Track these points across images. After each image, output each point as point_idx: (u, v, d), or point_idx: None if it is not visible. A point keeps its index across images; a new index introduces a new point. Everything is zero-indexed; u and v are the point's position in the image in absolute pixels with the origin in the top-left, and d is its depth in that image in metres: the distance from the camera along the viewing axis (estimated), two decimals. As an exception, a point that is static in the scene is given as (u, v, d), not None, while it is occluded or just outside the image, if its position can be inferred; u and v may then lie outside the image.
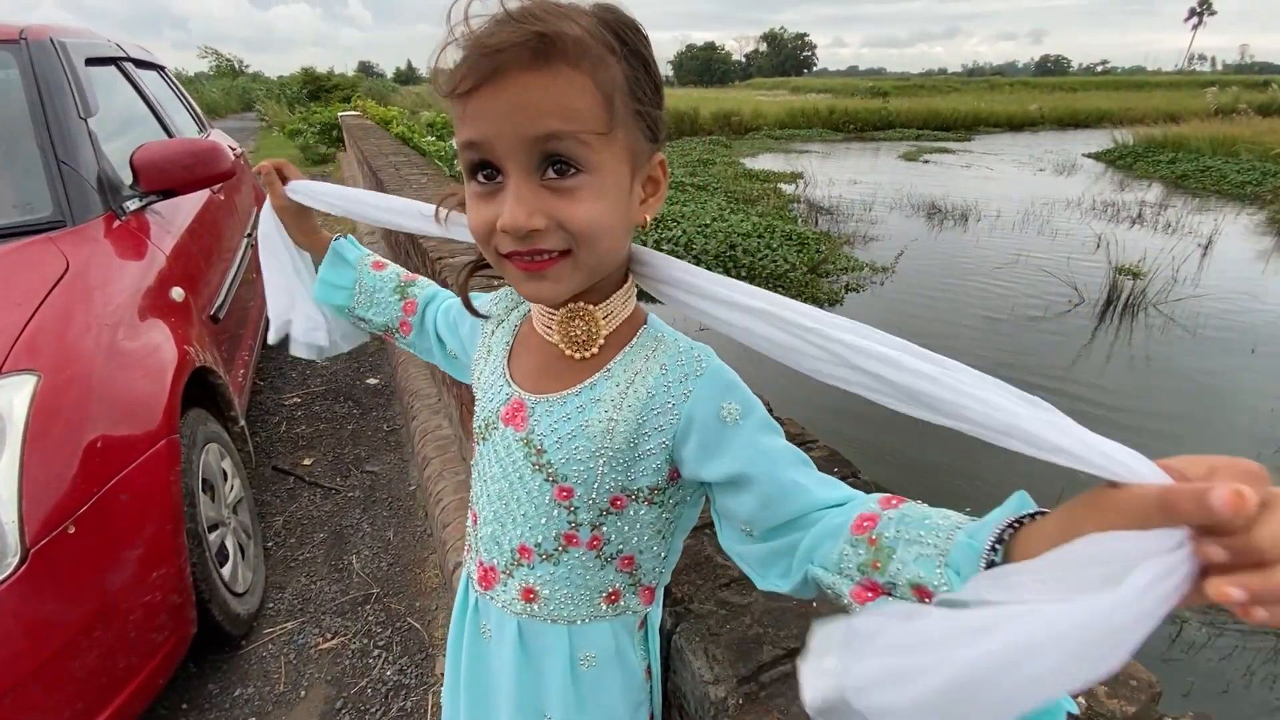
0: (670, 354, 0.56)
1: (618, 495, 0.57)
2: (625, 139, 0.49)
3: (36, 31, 1.95)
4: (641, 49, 0.50)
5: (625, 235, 0.53)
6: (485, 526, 0.64)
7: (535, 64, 0.44)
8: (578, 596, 0.61)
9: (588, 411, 0.56)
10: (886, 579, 0.43)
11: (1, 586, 1.03)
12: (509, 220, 0.47)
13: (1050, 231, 8.37)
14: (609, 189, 0.49)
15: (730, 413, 0.52)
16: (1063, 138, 21.94)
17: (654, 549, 0.61)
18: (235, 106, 26.51)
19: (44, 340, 1.29)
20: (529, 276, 0.50)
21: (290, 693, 1.59)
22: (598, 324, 0.56)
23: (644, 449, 0.55)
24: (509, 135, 0.46)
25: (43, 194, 1.67)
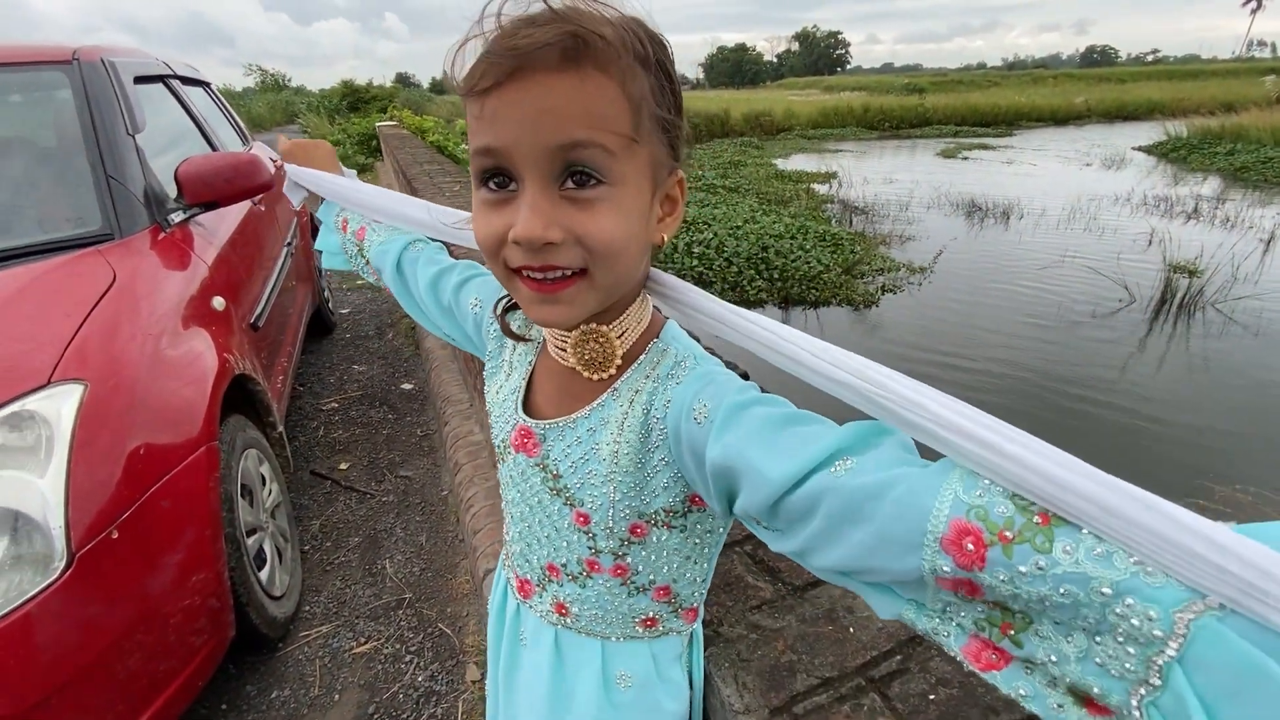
0: (665, 366, 0.53)
1: (636, 522, 0.55)
2: (649, 153, 0.47)
3: (88, 52, 2.03)
4: (667, 64, 0.48)
5: (643, 255, 0.51)
6: (515, 544, 0.64)
7: (563, 66, 0.42)
8: (609, 618, 0.59)
9: (598, 434, 0.54)
10: (1024, 655, 0.35)
11: (48, 591, 1.07)
12: (523, 230, 0.44)
13: (1098, 229, 8.06)
14: (630, 204, 0.46)
15: (700, 412, 0.48)
16: (1110, 131, 21.15)
17: (688, 575, 0.59)
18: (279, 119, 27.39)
19: (91, 350, 1.33)
20: (541, 299, 0.47)
21: (324, 697, 1.62)
22: (612, 344, 0.54)
23: (650, 468, 0.53)
24: (529, 142, 0.43)
25: (92, 208, 1.74)
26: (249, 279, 2.29)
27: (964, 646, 0.38)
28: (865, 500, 0.38)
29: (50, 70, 1.94)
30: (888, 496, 0.37)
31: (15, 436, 1.14)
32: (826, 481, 0.40)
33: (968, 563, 0.34)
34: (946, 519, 0.35)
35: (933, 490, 0.37)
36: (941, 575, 0.36)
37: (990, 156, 15.20)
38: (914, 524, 0.36)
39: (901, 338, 4.94)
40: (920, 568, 0.36)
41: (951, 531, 0.35)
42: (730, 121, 20.02)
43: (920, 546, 0.36)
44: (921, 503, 0.36)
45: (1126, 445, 3.57)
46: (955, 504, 0.36)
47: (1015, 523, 0.34)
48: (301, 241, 3.42)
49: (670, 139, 0.49)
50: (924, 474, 0.38)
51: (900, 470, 0.38)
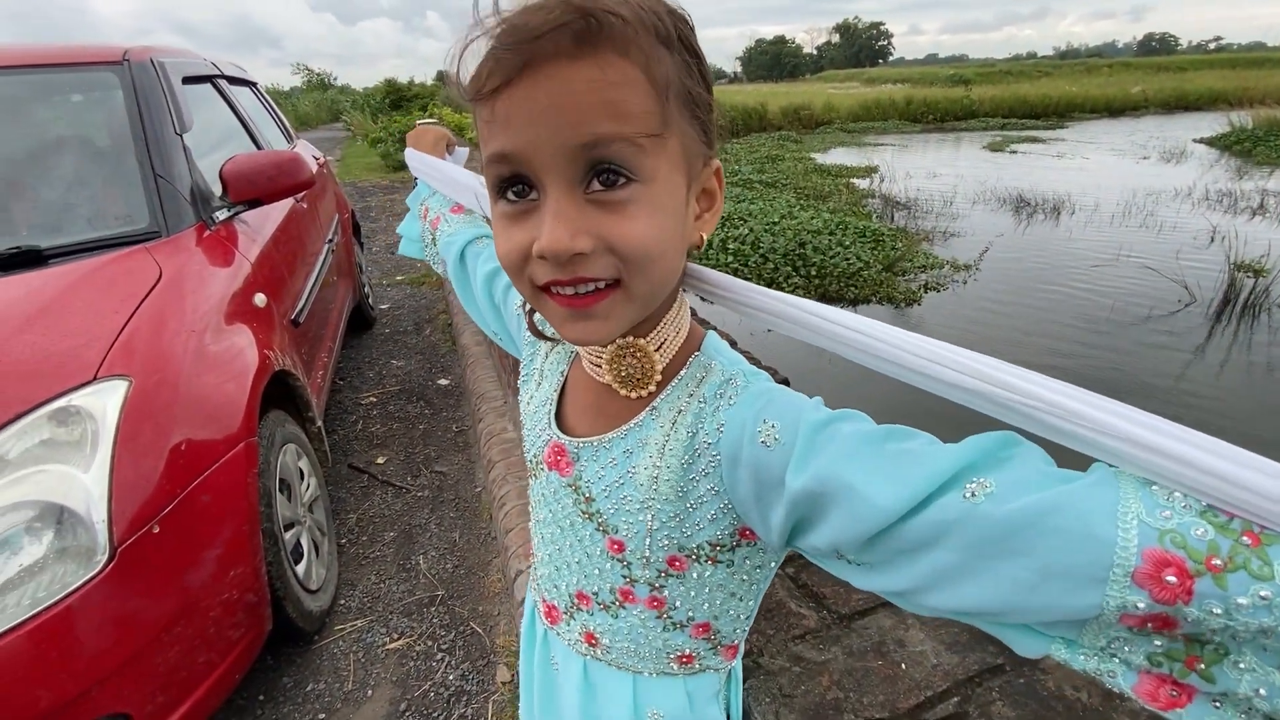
0: (712, 385, 0.48)
1: (675, 555, 0.50)
2: (680, 143, 0.42)
3: (138, 53, 2.08)
4: (691, 40, 0.43)
5: (680, 256, 0.46)
6: (542, 567, 0.60)
7: (578, 53, 0.37)
8: (642, 652, 0.55)
9: (635, 457, 0.49)
10: (1216, 690, 0.31)
11: (91, 584, 1.09)
12: (548, 242, 0.39)
13: (1155, 225, 7.68)
14: (664, 202, 0.42)
15: (769, 434, 0.42)
16: (1169, 122, 20.18)
17: (731, 612, 0.54)
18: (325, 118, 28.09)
19: (136, 346, 1.36)
20: (574, 315, 0.43)
21: (358, 691, 1.63)
22: (651, 358, 0.49)
23: (694, 498, 0.47)
24: (547, 142, 0.38)
25: (140, 206, 1.78)
26: (290, 276, 2.32)
27: (1135, 685, 0.33)
28: (1019, 530, 0.33)
29: (102, 70, 1.99)
30: (1050, 524, 0.32)
31: (62, 431, 1.17)
32: (958, 509, 0.35)
33: (1169, 598, 0.30)
34: (1137, 549, 0.31)
35: (1108, 514, 0.31)
36: (1131, 612, 0.31)
37: (1040, 150, 14.64)
38: (1095, 556, 0.31)
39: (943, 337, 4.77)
40: (1101, 605, 0.31)
41: (1147, 564, 0.30)
42: (768, 115, 19.72)
43: (1104, 582, 0.31)
44: (1100, 531, 0.31)
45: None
46: (1143, 530, 0.31)
47: (1220, 547, 0.29)
48: (343, 238, 3.48)
49: (703, 124, 0.44)
50: (1088, 493, 0.33)
51: (1055, 491, 0.33)
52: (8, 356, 1.24)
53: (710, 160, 0.47)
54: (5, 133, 1.90)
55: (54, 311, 1.37)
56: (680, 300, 0.51)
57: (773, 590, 0.74)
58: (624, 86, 0.38)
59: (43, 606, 1.05)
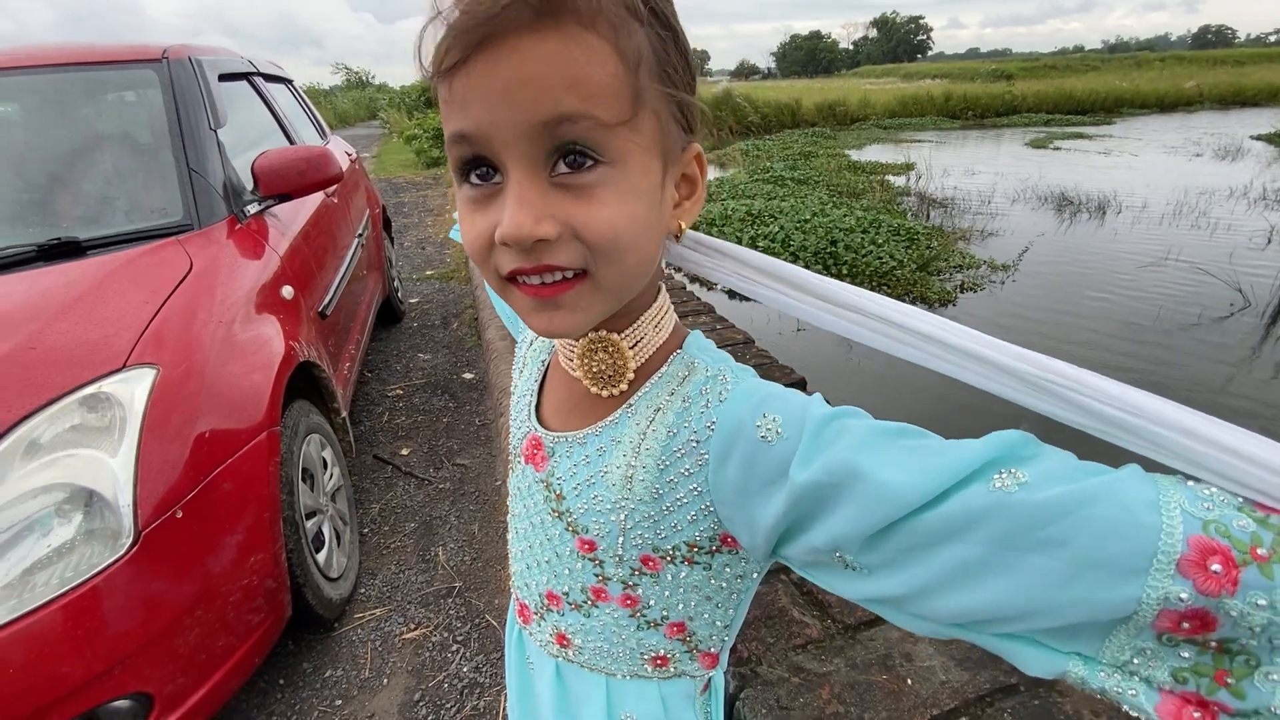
0: (696, 383, 0.46)
1: (648, 555, 0.48)
2: (653, 124, 0.40)
3: (177, 51, 2.14)
4: (670, 17, 0.41)
5: (656, 247, 0.43)
6: (516, 562, 0.59)
7: (539, 26, 0.35)
8: (615, 652, 0.53)
9: (608, 455, 0.47)
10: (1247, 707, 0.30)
11: (115, 566, 1.12)
12: (510, 228, 0.37)
13: (1208, 225, 7.36)
14: (636, 186, 0.39)
15: (769, 427, 0.40)
16: (1224, 118, 19.31)
17: (707, 615, 0.52)
18: (363, 115, 28.66)
19: (165, 336, 1.39)
20: (540, 305, 0.41)
21: (374, 679, 1.65)
22: (624, 355, 0.47)
23: (671, 499, 0.46)
24: (508, 121, 0.36)
25: (175, 200, 1.83)
26: (319, 269, 2.36)
27: (1159, 705, 0.31)
28: (1056, 518, 0.31)
29: (142, 68, 2.05)
30: (1091, 512, 0.31)
31: (93, 417, 1.21)
32: (986, 499, 0.33)
33: (1214, 588, 0.29)
34: (1182, 536, 0.29)
35: (1150, 503, 0.30)
36: (1172, 606, 0.30)
37: (1086, 146, 14.15)
38: (1138, 544, 0.30)
39: (979, 340, 4.66)
40: (1138, 599, 0.30)
41: (1193, 551, 0.29)
42: (801, 111, 19.45)
43: (1146, 571, 0.30)
44: (1143, 518, 0.30)
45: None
46: (1187, 519, 0.30)
47: (1263, 538, 0.29)
48: (373, 233, 3.53)
49: (681, 105, 0.42)
50: (1128, 483, 0.31)
51: (1093, 481, 0.32)
52: (44, 343, 1.28)
53: (690, 144, 0.45)
54: (50, 129, 1.98)
55: (89, 301, 1.41)
56: (663, 297, 0.49)
57: (775, 597, 0.71)
58: (589, 60, 0.36)
59: (70, 586, 1.09)
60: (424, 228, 6.84)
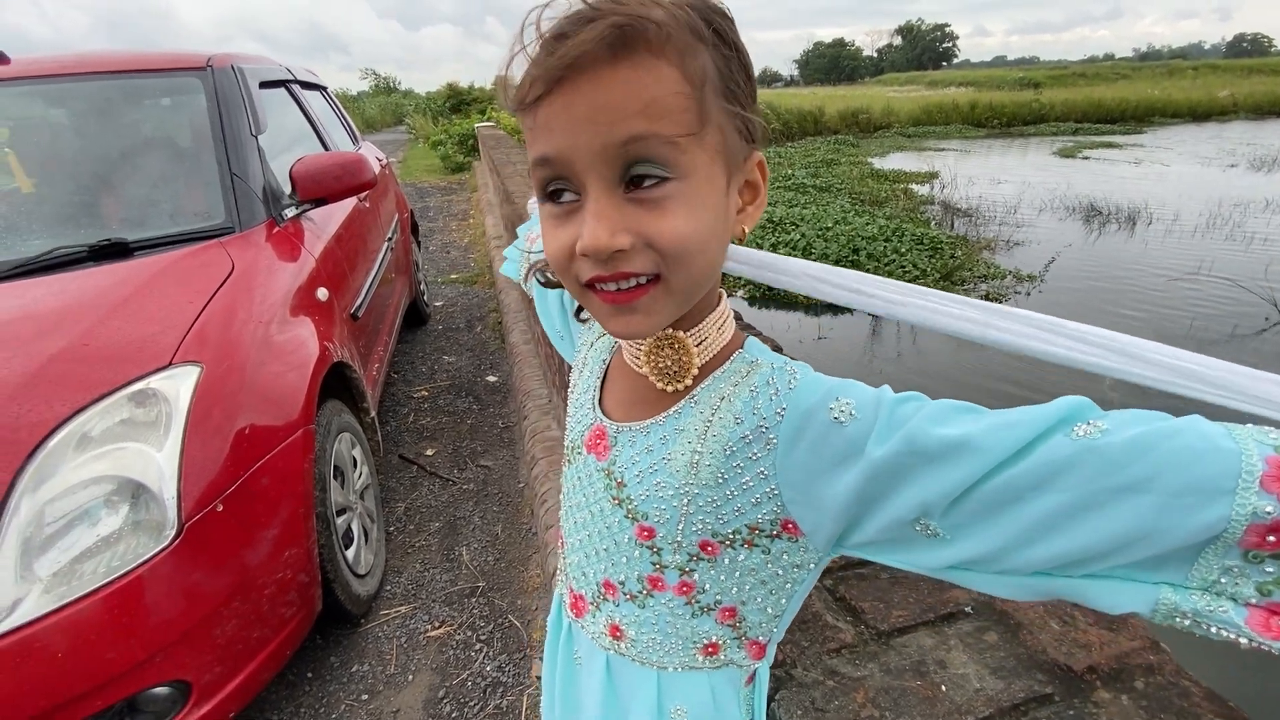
0: (763, 374, 0.49)
1: (707, 540, 0.50)
2: (718, 138, 0.43)
3: (221, 60, 2.21)
4: (733, 36, 0.44)
5: (721, 251, 0.47)
6: (572, 554, 0.61)
7: (613, 59, 0.39)
8: (668, 644, 0.55)
9: (671, 443, 0.50)
10: None
11: (159, 556, 1.16)
12: (589, 240, 0.41)
13: (1243, 237, 7.20)
14: (703, 197, 0.43)
15: (843, 409, 0.43)
16: (1260, 128, 18.87)
17: (759, 601, 0.53)
18: (389, 121, 29.15)
19: (209, 335, 1.44)
20: (616, 310, 0.45)
21: (399, 675, 1.68)
22: (690, 353, 0.50)
23: (737, 483, 0.48)
24: (586, 145, 0.40)
25: (217, 204, 1.88)
26: (351, 272, 2.42)
27: (1248, 619, 0.34)
28: (1143, 454, 0.34)
29: (188, 76, 2.12)
30: (1175, 444, 0.34)
31: (140, 412, 1.25)
32: (1070, 447, 0.36)
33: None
34: (1260, 457, 0.33)
35: (1224, 433, 0.34)
36: (1260, 519, 0.32)
37: (1116, 156, 13.92)
38: (1223, 466, 0.33)
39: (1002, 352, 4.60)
40: (1228, 516, 0.33)
41: (1272, 468, 0.32)
42: (825, 119, 19.41)
43: (1233, 491, 0.32)
44: (1223, 445, 0.33)
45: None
46: (1260, 445, 0.33)
47: None
48: (401, 237, 3.60)
49: (743, 117, 0.45)
50: (1200, 421, 0.35)
51: (1169, 421, 0.35)
52: (95, 341, 1.33)
53: (752, 153, 0.47)
54: (100, 134, 2.05)
55: (136, 300, 1.46)
56: (724, 303, 0.52)
57: (809, 602, 0.72)
58: (658, 85, 0.40)
59: (116, 575, 1.13)
60: (449, 232, 6.94)
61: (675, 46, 0.40)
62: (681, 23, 0.41)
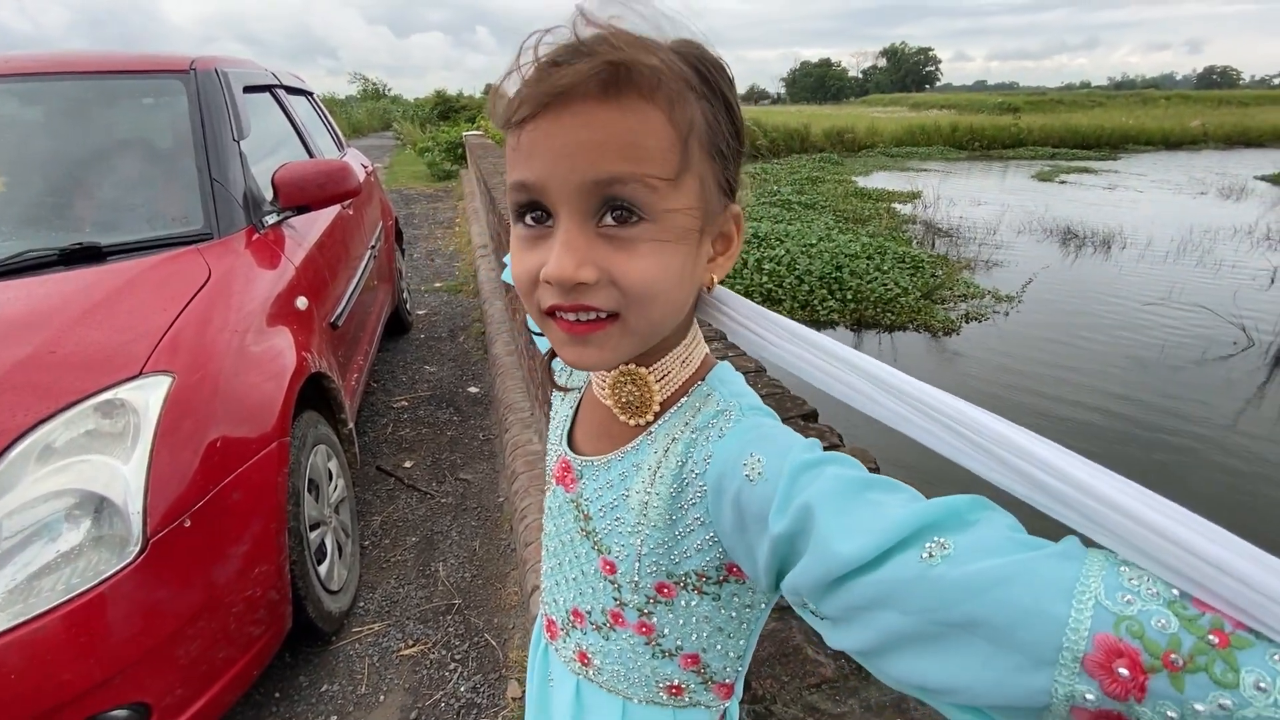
0: (705, 416, 0.48)
1: (663, 581, 0.50)
2: (696, 188, 0.43)
3: (204, 62, 2.18)
4: (725, 91, 0.44)
5: (686, 297, 0.47)
6: (547, 579, 0.62)
7: (603, 96, 0.39)
8: (632, 677, 0.55)
9: (629, 479, 0.50)
10: None
11: (122, 573, 1.12)
12: (554, 269, 0.41)
13: (1212, 263, 7.40)
14: (672, 243, 0.43)
15: (754, 468, 0.41)
16: (1229, 157, 19.47)
17: (720, 647, 0.53)
18: (377, 126, 29.00)
19: (182, 343, 1.40)
20: (572, 339, 0.45)
21: (370, 696, 1.64)
22: (650, 388, 0.50)
23: (682, 525, 0.48)
24: (564, 177, 0.41)
25: (196, 209, 1.85)
26: (332, 280, 2.38)
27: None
28: (972, 596, 0.30)
29: (170, 78, 2.08)
30: (1004, 594, 0.30)
31: (107, 423, 1.21)
32: (914, 568, 0.32)
33: (1120, 692, 0.27)
34: (1089, 633, 0.28)
35: (1065, 590, 0.29)
36: (1080, 705, 0.28)
37: (1091, 181, 14.26)
38: (1044, 635, 0.28)
39: (982, 371, 4.67)
40: (1049, 691, 0.28)
41: (1098, 650, 0.27)
42: (810, 137, 19.66)
43: (1053, 665, 0.28)
44: (1052, 609, 0.28)
45: (1231, 503, 3.23)
46: (1099, 612, 0.28)
47: (1182, 643, 0.26)
48: (385, 244, 3.56)
49: (726, 171, 0.45)
50: (1049, 564, 0.30)
51: (1014, 559, 0.30)
52: (62, 349, 1.29)
53: (730, 206, 0.48)
54: (76, 134, 2.01)
55: (107, 307, 1.43)
56: (693, 334, 0.52)
57: (789, 635, 0.71)
58: (643, 128, 0.40)
59: (76, 592, 1.09)
60: (434, 239, 6.89)
61: (665, 93, 0.40)
62: (675, 71, 0.41)
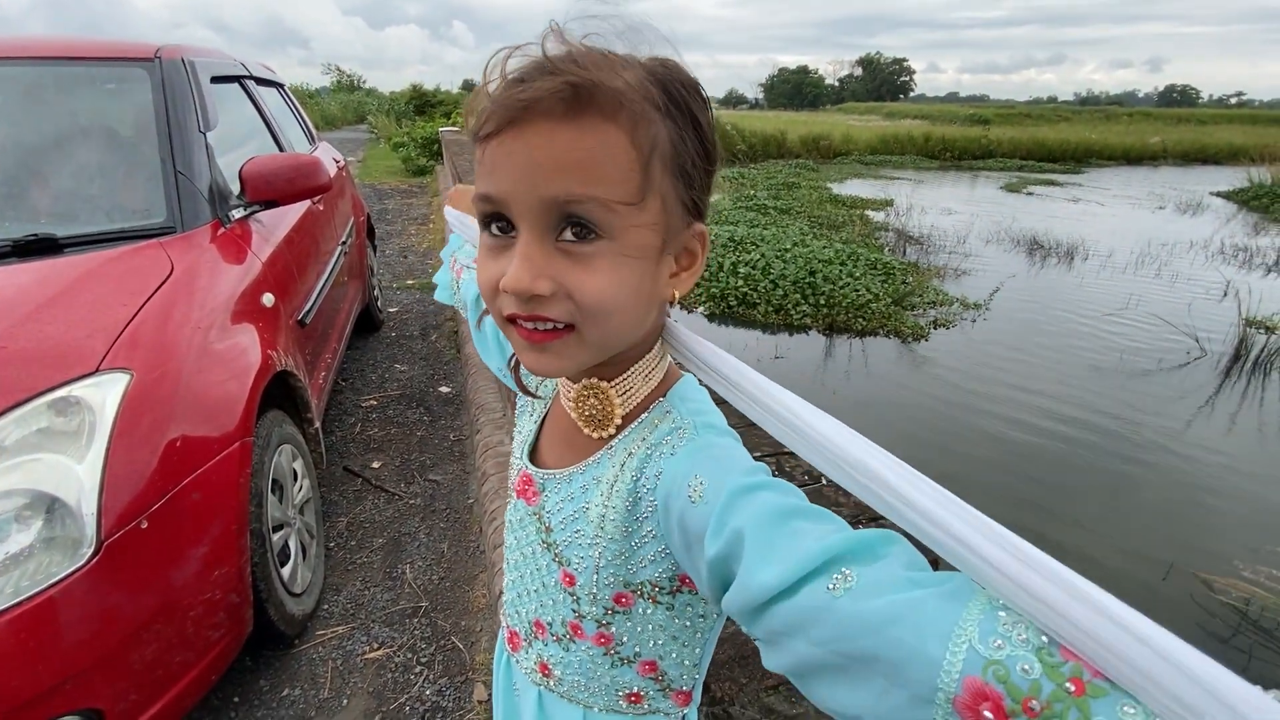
0: (661, 432, 0.49)
1: (621, 591, 0.51)
2: (658, 207, 0.44)
3: (170, 51, 2.12)
4: (696, 111, 0.45)
5: (644, 313, 0.48)
6: (509, 590, 0.62)
7: (566, 115, 0.40)
8: (592, 686, 0.56)
9: (590, 493, 0.51)
10: None
11: (74, 576, 1.09)
12: (511, 280, 0.43)
13: (1169, 275, 7.66)
14: (630, 261, 0.44)
15: (696, 490, 0.43)
16: (1187, 174, 20.19)
17: (675, 655, 0.54)
18: (350, 119, 28.50)
19: (141, 340, 1.37)
20: (530, 346, 0.46)
21: (333, 700, 1.61)
22: (611, 402, 0.50)
23: (637, 538, 0.49)
24: (525, 193, 0.42)
25: (159, 201, 1.80)
26: (301, 276, 2.34)
27: None
28: (866, 632, 0.32)
29: (134, 66, 2.03)
30: (890, 634, 0.31)
31: (60, 421, 1.18)
32: (820, 600, 0.34)
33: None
34: (959, 676, 0.29)
35: (944, 633, 0.30)
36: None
37: (1056, 194, 14.67)
38: (922, 675, 0.30)
39: (949, 376, 4.77)
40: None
41: (965, 693, 0.29)
42: (787, 143, 19.87)
43: (931, 704, 0.30)
44: (929, 650, 0.30)
45: (1180, 506, 3.36)
46: (970, 656, 0.29)
47: (1042, 689, 0.27)
48: (356, 241, 3.51)
49: (691, 190, 0.46)
50: (935, 605, 0.31)
51: (905, 598, 0.32)
52: (14, 343, 1.25)
53: (694, 224, 0.48)
54: (33, 122, 1.94)
55: (63, 301, 1.38)
56: (657, 350, 0.52)
57: (747, 639, 0.73)
58: (603, 149, 0.41)
59: (25, 596, 1.05)
60: (407, 236, 6.81)
61: (629, 113, 0.41)
62: (641, 93, 0.41)
